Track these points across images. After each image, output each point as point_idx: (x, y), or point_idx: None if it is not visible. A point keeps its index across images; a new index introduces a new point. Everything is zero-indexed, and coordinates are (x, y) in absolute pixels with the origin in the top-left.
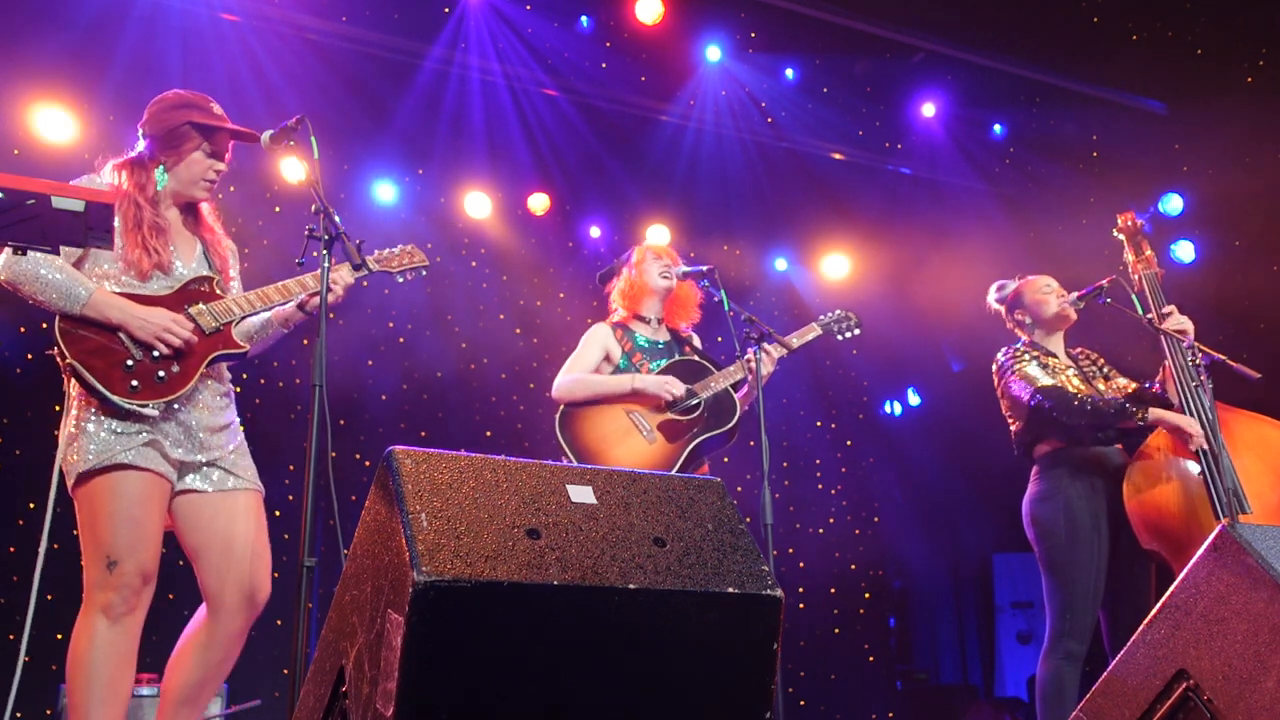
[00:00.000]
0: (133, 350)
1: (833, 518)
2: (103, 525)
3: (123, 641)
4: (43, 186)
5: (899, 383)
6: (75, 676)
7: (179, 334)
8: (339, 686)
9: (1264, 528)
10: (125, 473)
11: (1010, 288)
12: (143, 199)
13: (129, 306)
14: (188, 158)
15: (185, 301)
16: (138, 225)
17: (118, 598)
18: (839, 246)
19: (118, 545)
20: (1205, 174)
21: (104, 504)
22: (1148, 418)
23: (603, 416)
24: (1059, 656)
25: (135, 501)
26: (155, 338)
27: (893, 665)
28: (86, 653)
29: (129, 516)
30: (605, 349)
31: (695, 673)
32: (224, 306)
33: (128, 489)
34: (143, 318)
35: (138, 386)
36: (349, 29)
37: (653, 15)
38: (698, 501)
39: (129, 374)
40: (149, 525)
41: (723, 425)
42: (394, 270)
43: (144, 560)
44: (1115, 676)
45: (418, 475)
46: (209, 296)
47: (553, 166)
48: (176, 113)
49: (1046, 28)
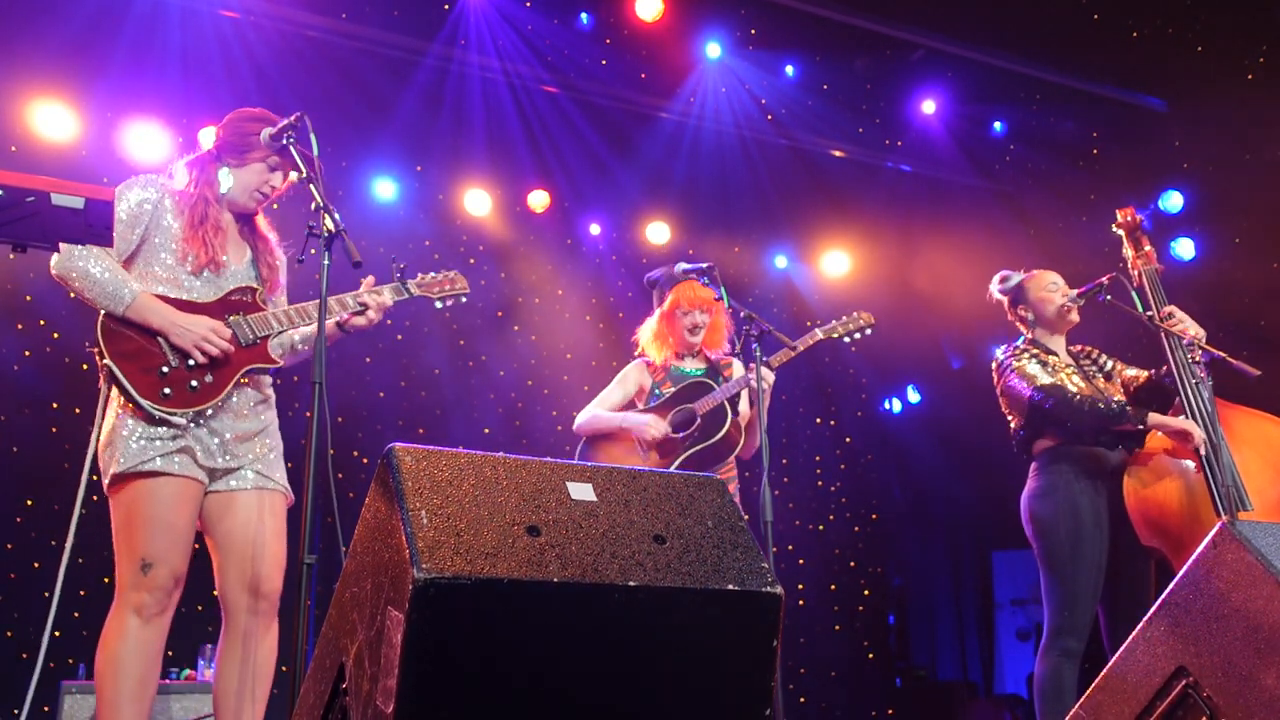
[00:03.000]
0: (170, 356)
1: (832, 515)
2: (138, 529)
3: (153, 640)
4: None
5: (899, 380)
6: (106, 673)
7: (217, 344)
8: (339, 683)
9: (1264, 525)
10: (159, 479)
11: (1015, 280)
12: (210, 195)
13: (171, 313)
14: (250, 164)
15: (226, 311)
16: (202, 221)
17: (150, 599)
18: (839, 243)
19: (152, 549)
20: (1205, 171)
21: (139, 508)
22: (1146, 422)
23: (613, 447)
24: (1058, 653)
25: (169, 507)
26: (194, 346)
27: (892, 662)
28: (118, 650)
29: (163, 521)
30: (639, 384)
31: (695, 670)
32: (263, 319)
33: (162, 495)
34: (184, 325)
35: (169, 394)
36: (348, 25)
37: (653, 12)
38: (698, 499)
39: (162, 380)
40: (181, 529)
41: (708, 438)
42: (434, 296)
43: (176, 564)
44: (1114, 673)
45: (418, 472)
46: (250, 308)
47: (552, 164)
48: (254, 124)
49: (1046, 24)
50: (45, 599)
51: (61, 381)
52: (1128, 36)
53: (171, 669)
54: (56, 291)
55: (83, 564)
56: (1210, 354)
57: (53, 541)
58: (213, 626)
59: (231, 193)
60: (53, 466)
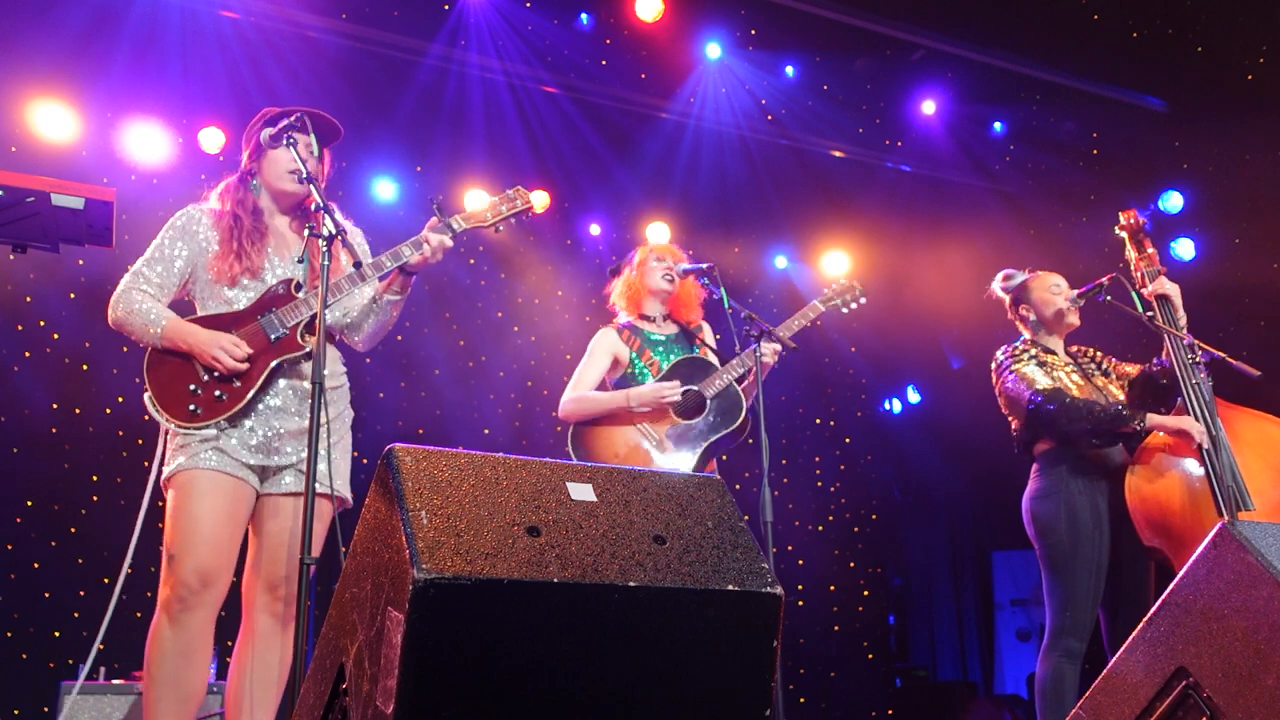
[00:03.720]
0: (201, 374)
1: (832, 515)
2: (169, 523)
3: (181, 640)
4: (42, 184)
5: (898, 380)
6: (145, 675)
7: (228, 357)
8: (339, 683)
9: (1264, 525)
10: (190, 474)
11: (1018, 279)
12: (242, 211)
13: (194, 334)
14: (268, 156)
15: (260, 311)
16: (234, 235)
17: (173, 595)
18: (839, 244)
19: (176, 541)
20: (1205, 172)
21: (172, 505)
22: (1145, 424)
23: (611, 433)
24: (1059, 654)
25: (195, 499)
26: (212, 361)
27: (892, 663)
28: (151, 652)
29: (190, 514)
30: (612, 354)
31: (695, 670)
32: (294, 308)
33: (191, 488)
34: (204, 343)
35: (197, 410)
36: (348, 26)
37: (653, 12)
38: (697, 499)
39: (193, 397)
40: (210, 524)
41: (731, 423)
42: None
43: (201, 560)
44: (1114, 674)
45: (418, 473)
46: (282, 300)
47: (552, 164)
48: (258, 124)
49: (1047, 25)
50: (46, 599)
51: (61, 382)
52: (1128, 37)
53: None
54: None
55: (82, 564)
56: (1210, 354)
57: (53, 543)
58: (230, 641)
59: (271, 192)
60: (53, 468)
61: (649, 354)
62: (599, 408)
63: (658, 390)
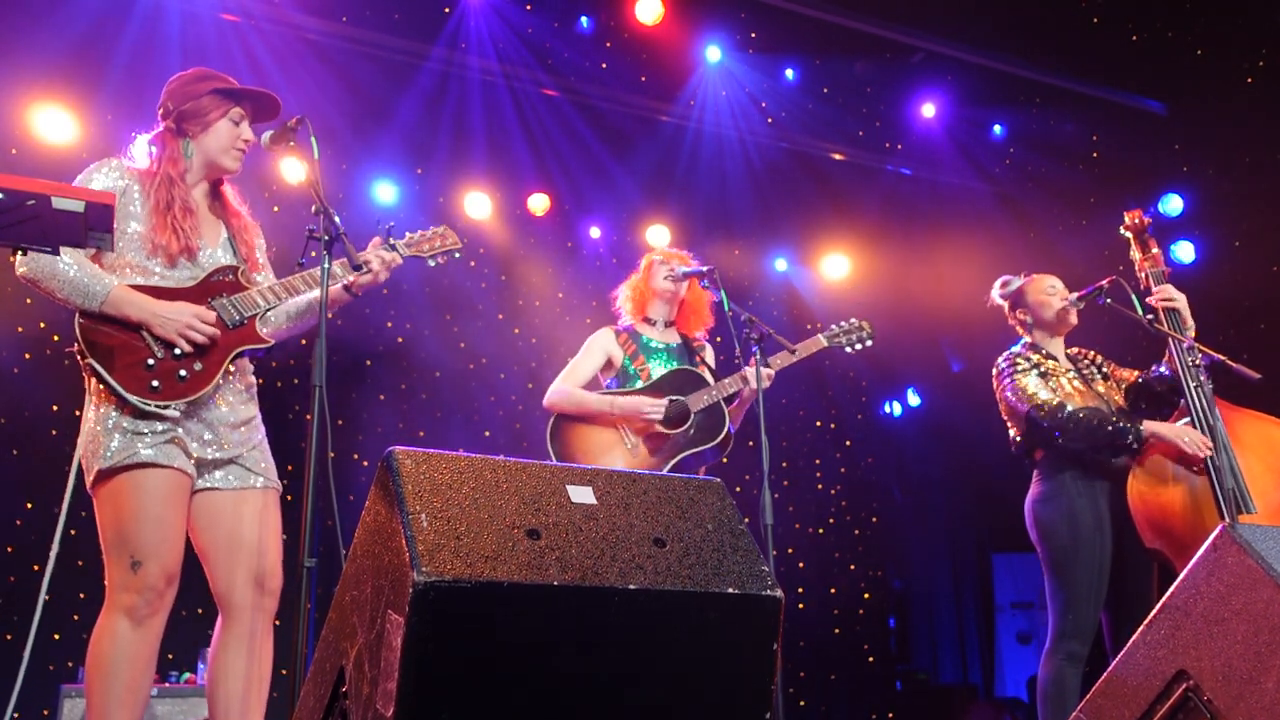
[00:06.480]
0: (154, 348)
1: (832, 518)
2: (127, 524)
3: (144, 644)
4: (42, 187)
5: (899, 383)
6: (95, 678)
7: (202, 330)
8: (339, 686)
9: (1264, 528)
10: (149, 471)
11: (1015, 284)
12: (175, 174)
13: (149, 303)
14: (214, 126)
15: (209, 294)
16: (169, 206)
17: (141, 600)
18: (839, 247)
19: (142, 546)
20: (1205, 174)
21: (127, 503)
22: (1142, 435)
23: (590, 430)
24: (1061, 657)
25: (159, 500)
26: (178, 334)
27: (892, 665)
28: (108, 654)
29: (153, 516)
30: (606, 354)
31: (695, 673)
32: (249, 299)
33: (151, 487)
34: (164, 314)
35: (158, 386)
36: (349, 29)
37: (653, 15)
38: (697, 502)
39: (149, 373)
40: (172, 525)
41: (710, 439)
42: (425, 255)
43: (168, 561)
44: (1115, 676)
45: (418, 475)
46: (233, 287)
47: (552, 167)
48: (200, 84)
49: (1046, 28)
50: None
51: (61, 384)
52: (1128, 39)
53: (171, 672)
54: None
55: (82, 566)
56: (1211, 357)
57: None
58: (211, 632)
59: (204, 161)
60: (53, 470)
61: (642, 359)
62: (583, 407)
63: (639, 406)
